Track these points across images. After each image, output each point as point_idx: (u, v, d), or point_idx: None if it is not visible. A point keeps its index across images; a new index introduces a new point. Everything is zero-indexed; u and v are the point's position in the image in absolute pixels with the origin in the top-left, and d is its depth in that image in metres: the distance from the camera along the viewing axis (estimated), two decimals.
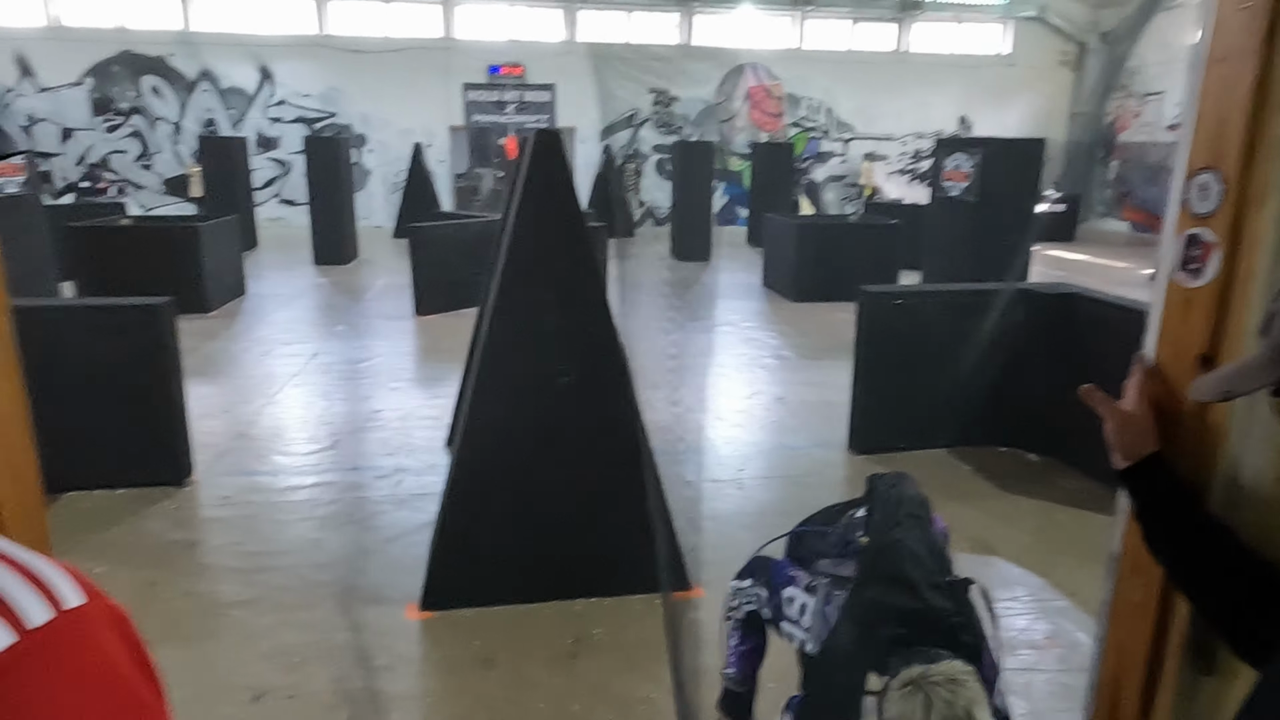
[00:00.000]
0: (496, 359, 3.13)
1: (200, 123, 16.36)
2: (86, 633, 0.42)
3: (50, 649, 0.40)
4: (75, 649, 0.41)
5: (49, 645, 0.40)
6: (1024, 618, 3.31)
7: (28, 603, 0.40)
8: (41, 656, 0.39)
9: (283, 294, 9.80)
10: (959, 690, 1.38)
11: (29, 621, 0.39)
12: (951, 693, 1.37)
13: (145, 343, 4.23)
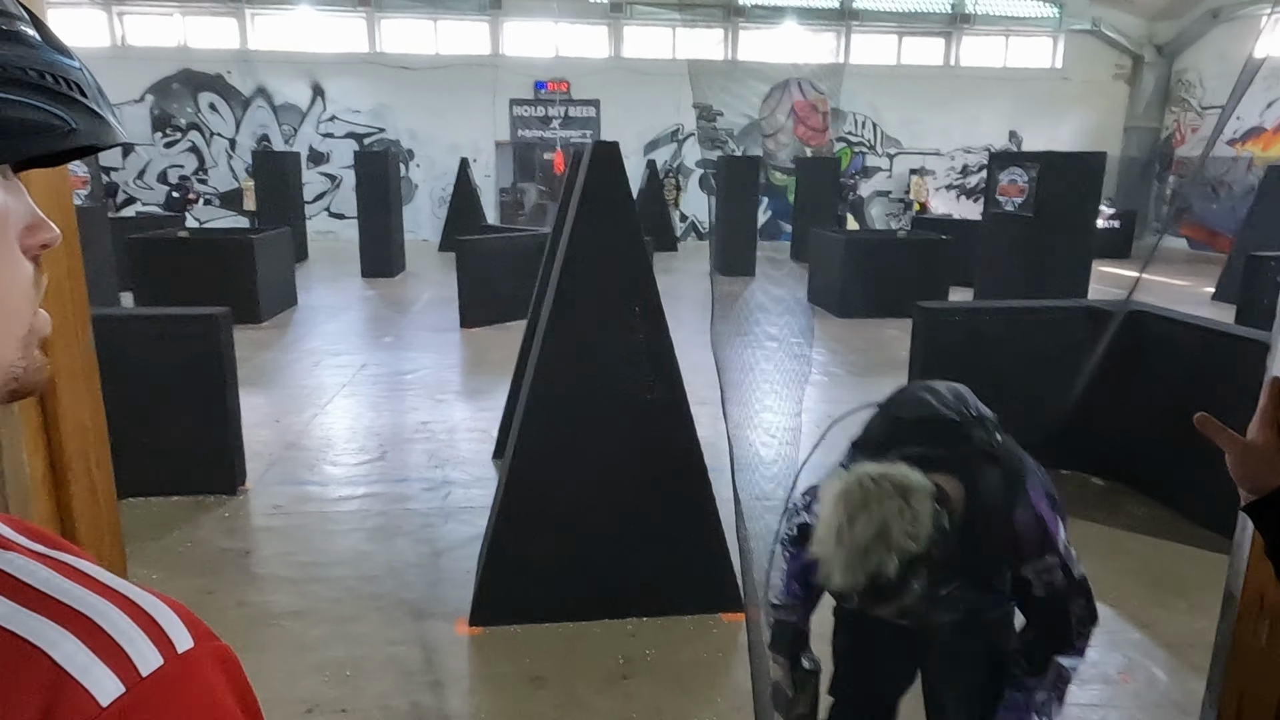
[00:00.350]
0: (549, 373, 3.10)
1: (255, 138, 16.78)
2: (196, 678, 0.38)
3: (160, 698, 0.36)
4: (185, 696, 0.38)
5: (158, 694, 0.36)
6: (1095, 650, 3.15)
7: (140, 646, 0.37)
8: (153, 706, 0.36)
9: (332, 305, 9.94)
10: (897, 503, 1.37)
11: (142, 667, 0.36)
12: (889, 501, 1.37)
13: (202, 352, 4.30)
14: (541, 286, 4.66)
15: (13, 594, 0.36)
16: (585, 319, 3.06)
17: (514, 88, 17.11)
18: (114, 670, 0.35)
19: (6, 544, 0.39)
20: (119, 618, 0.37)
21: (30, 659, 0.34)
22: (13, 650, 0.34)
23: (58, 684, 0.34)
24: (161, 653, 0.37)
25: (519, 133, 17.45)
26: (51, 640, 0.35)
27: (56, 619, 0.36)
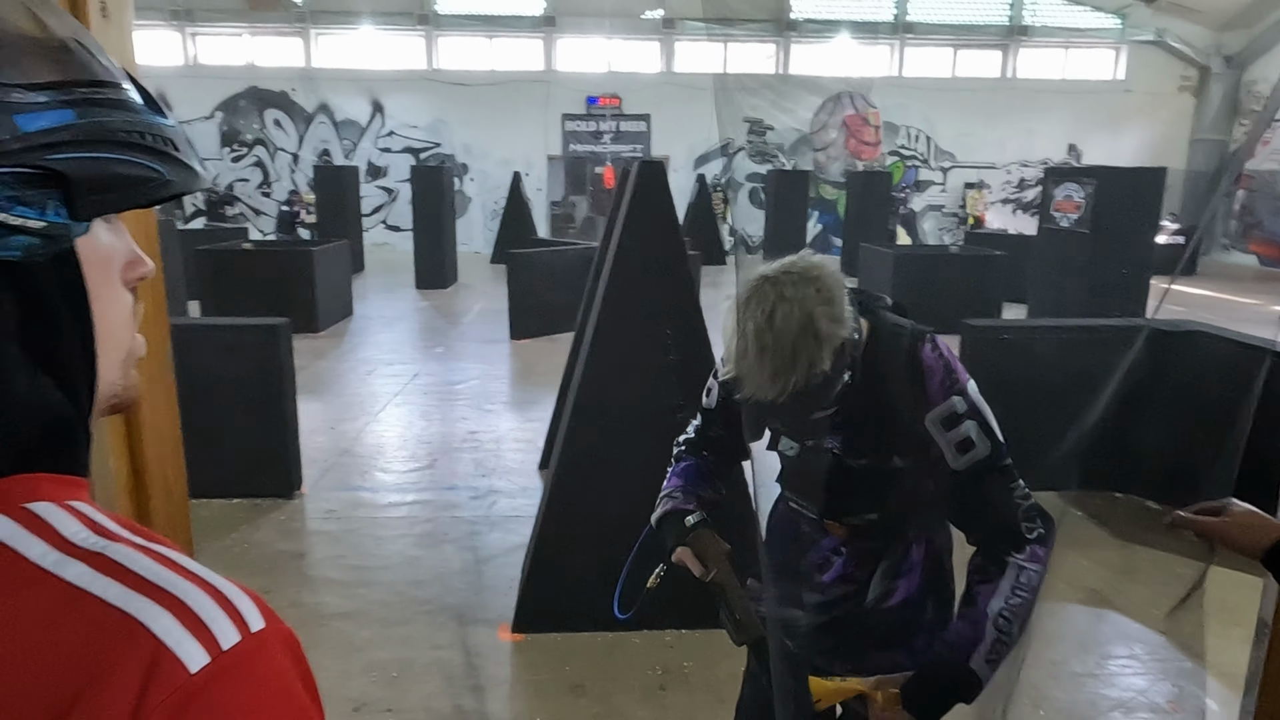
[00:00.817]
0: (594, 387, 3.17)
1: (316, 153, 17.33)
2: (268, 655, 0.45)
3: (239, 669, 0.43)
4: (259, 670, 0.44)
5: (238, 665, 0.43)
6: (1143, 678, 3.10)
7: (221, 625, 0.43)
8: (232, 675, 0.42)
9: (387, 316, 10.21)
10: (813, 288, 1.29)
11: (223, 642, 0.42)
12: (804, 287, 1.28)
13: (264, 360, 4.48)
14: (588, 300, 4.75)
15: (120, 578, 0.43)
16: (629, 334, 3.12)
17: (566, 103, 17.37)
18: (201, 643, 0.42)
19: (114, 536, 0.46)
20: (204, 599, 0.43)
21: (135, 631, 0.41)
22: (122, 624, 0.41)
23: (157, 652, 0.41)
24: (239, 630, 0.43)
25: (570, 147, 17.70)
26: (151, 616, 0.42)
27: (155, 599, 0.42)
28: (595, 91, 17.48)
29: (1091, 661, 3.19)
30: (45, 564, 0.43)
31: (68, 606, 0.41)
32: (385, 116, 17.46)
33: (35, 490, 0.46)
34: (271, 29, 17.19)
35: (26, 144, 0.43)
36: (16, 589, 0.42)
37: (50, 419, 0.48)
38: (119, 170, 0.47)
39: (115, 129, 0.47)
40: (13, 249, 0.44)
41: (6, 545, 0.43)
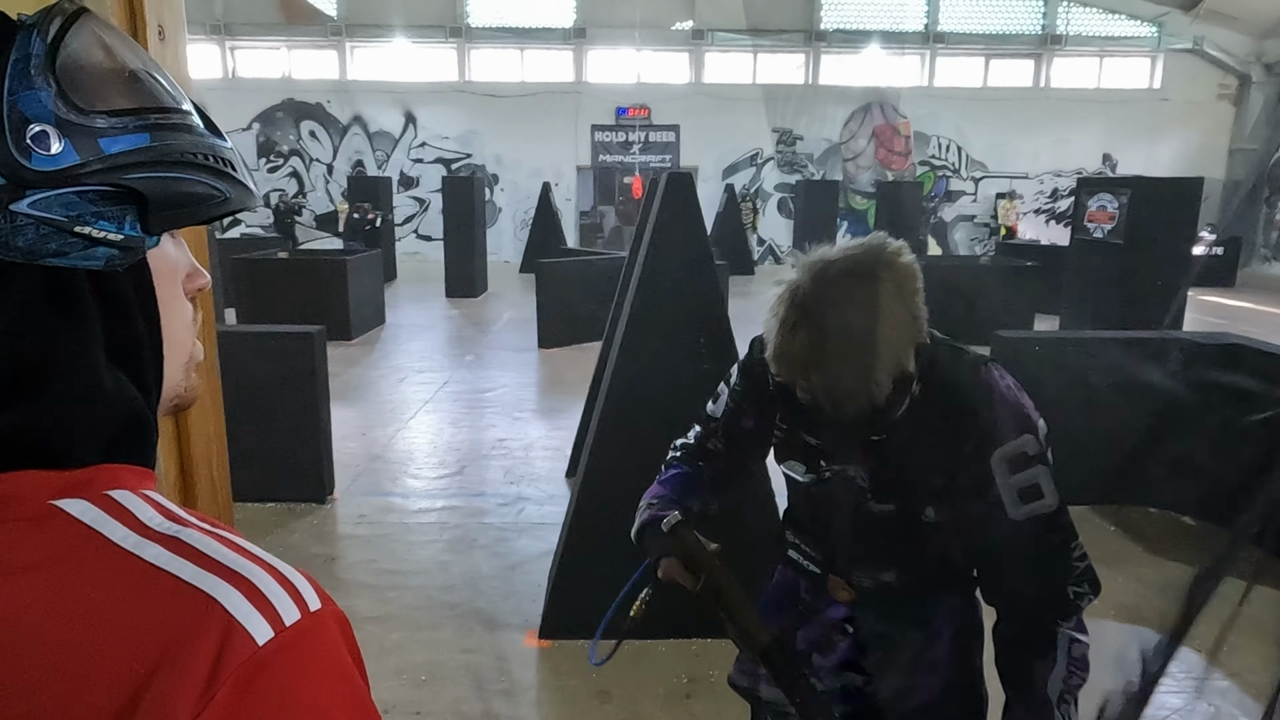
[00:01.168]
0: (621, 396, 3.20)
1: (350, 164, 17.63)
2: (324, 632, 0.48)
3: (300, 644, 0.46)
4: (317, 645, 0.47)
5: (299, 641, 0.46)
6: (1179, 696, 3.04)
7: (284, 603, 0.47)
8: (294, 649, 0.46)
9: (418, 324, 10.34)
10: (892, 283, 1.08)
11: (286, 619, 0.46)
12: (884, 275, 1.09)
13: (299, 367, 4.56)
14: (616, 310, 4.78)
15: (194, 559, 0.47)
16: (656, 344, 3.15)
17: (596, 114, 17.51)
18: (266, 619, 0.45)
19: (185, 522, 0.50)
20: (269, 580, 0.47)
21: (209, 606, 0.45)
22: (197, 599, 0.45)
23: (229, 626, 0.44)
24: (299, 609, 0.47)
25: (600, 157, 17.83)
26: (223, 593, 0.45)
27: (225, 578, 0.46)
28: (625, 102, 17.59)
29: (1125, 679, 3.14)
30: (126, 545, 0.47)
31: (148, 583, 0.45)
32: (418, 127, 17.72)
33: (116, 479, 0.50)
34: (308, 42, 17.54)
35: (108, 165, 0.47)
36: (101, 566, 0.46)
37: (130, 414, 0.52)
38: (187, 189, 0.51)
39: (184, 151, 0.51)
40: (96, 259, 0.49)
41: (91, 528, 0.47)
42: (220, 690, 0.43)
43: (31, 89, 0.46)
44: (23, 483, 0.47)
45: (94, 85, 0.48)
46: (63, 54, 0.47)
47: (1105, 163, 17.93)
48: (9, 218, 0.45)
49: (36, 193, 0.46)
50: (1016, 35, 17.76)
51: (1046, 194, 18.15)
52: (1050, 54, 17.74)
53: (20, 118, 0.45)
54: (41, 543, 0.46)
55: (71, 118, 0.46)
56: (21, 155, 0.45)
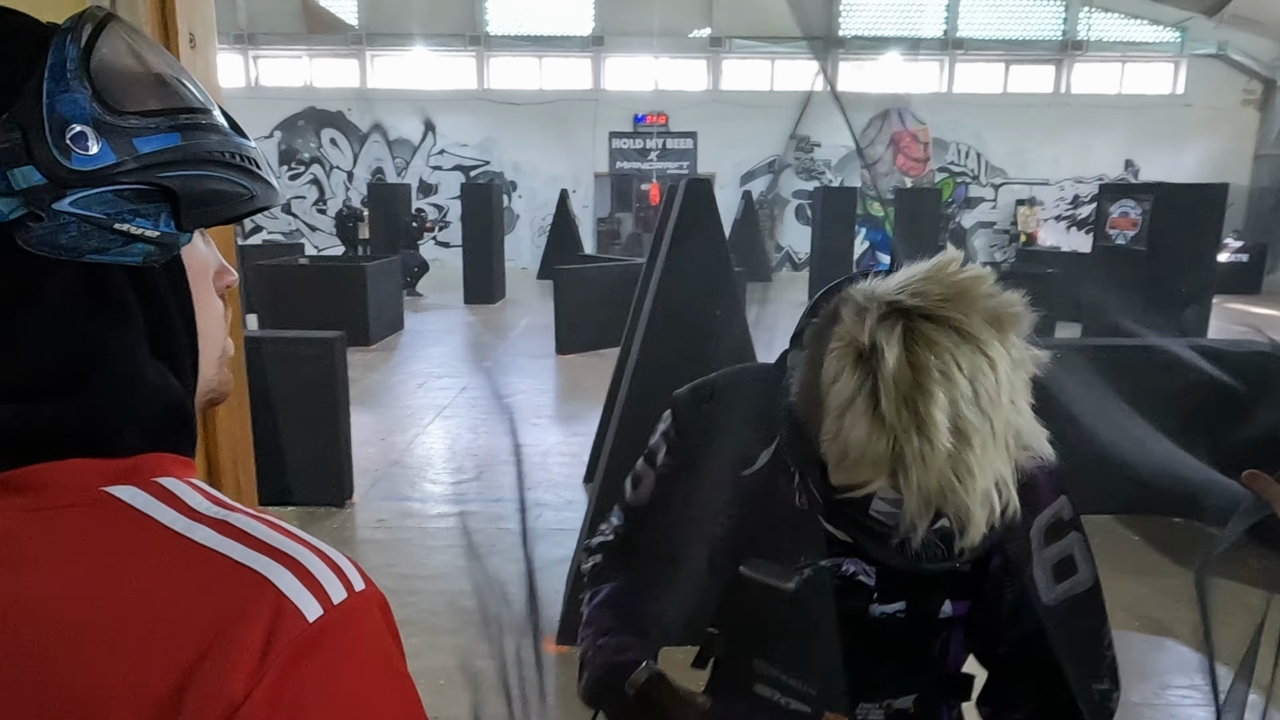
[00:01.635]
0: (639, 402, 3.20)
1: (370, 171, 17.78)
2: (369, 613, 0.49)
3: (346, 622, 0.47)
4: (362, 624, 0.49)
5: (345, 619, 0.47)
6: (1204, 709, 3.00)
7: (331, 582, 0.48)
8: (341, 627, 0.47)
9: (436, 330, 10.40)
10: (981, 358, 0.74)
11: (333, 597, 0.47)
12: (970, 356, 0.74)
13: (319, 372, 4.60)
14: (634, 316, 4.79)
15: (243, 540, 0.48)
16: (675, 350, 3.14)
17: (614, 121, 17.56)
18: (315, 597, 0.47)
19: (231, 507, 0.51)
20: (315, 560, 0.48)
21: (262, 585, 0.46)
22: (249, 578, 0.46)
23: (280, 603, 0.46)
24: (345, 588, 0.48)
25: (617, 164, 17.88)
26: (274, 573, 0.47)
27: (274, 559, 0.47)
28: (642, 110, 17.64)
29: (1149, 691, 3.10)
30: (177, 528, 0.48)
31: (200, 563, 0.47)
32: (437, 135, 17.85)
33: (162, 467, 0.51)
34: (329, 51, 17.73)
35: (142, 163, 0.49)
36: (154, 549, 0.47)
37: (173, 404, 0.54)
38: (217, 186, 0.53)
39: (212, 150, 0.53)
40: (134, 255, 0.50)
41: (142, 512, 0.48)
42: (273, 664, 0.44)
43: (69, 91, 0.47)
44: (74, 470, 0.48)
45: (126, 87, 0.50)
46: (95, 58, 0.48)
47: (1127, 169, 17.76)
48: (52, 216, 0.47)
49: (76, 192, 0.47)
50: (1037, 41, 17.65)
51: (1067, 200, 18.00)
52: (1071, 59, 17.61)
53: (60, 119, 0.46)
54: (94, 527, 0.47)
55: (107, 119, 0.48)
56: (62, 155, 0.46)
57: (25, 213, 0.46)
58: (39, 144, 0.46)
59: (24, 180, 0.46)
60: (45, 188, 0.46)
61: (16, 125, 0.46)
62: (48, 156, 0.46)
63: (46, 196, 0.46)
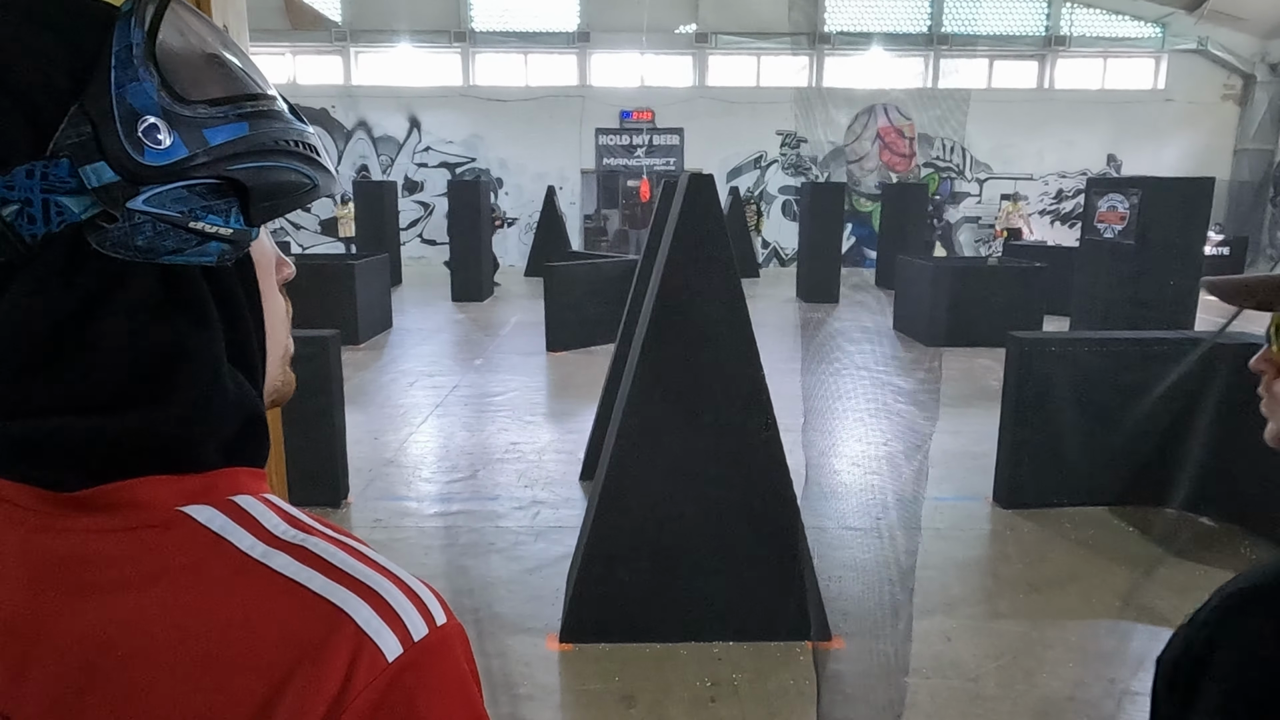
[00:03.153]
0: (641, 398, 3.18)
1: (355, 168, 17.64)
2: (450, 648, 0.47)
3: (427, 660, 0.45)
4: (443, 662, 0.46)
5: (426, 657, 0.45)
6: None
7: (412, 618, 0.45)
8: (422, 666, 0.45)
9: (425, 328, 10.33)
10: None
11: (414, 634, 0.45)
12: None
13: (313, 372, 4.55)
14: (631, 313, 4.77)
15: (322, 569, 0.45)
16: (678, 347, 3.13)
17: (600, 117, 17.52)
18: (396, 634, 0.44)
19: (309, 530, 0.48)
20: (396, 592, 0.46)
21: (340, 619, 0.44)
22: (329, 613, 0.44)
23: (360, 640, 0.43)
24: (426, 624, 0.46)
25: (604, 161, 17.83)
26: (353, 607, 0.44)
27: (354, 590, 0.45)
28: (629, 106, 17.61)
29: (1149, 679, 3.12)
30: (255, 554, 0.45)
31: (279, 593, 0.44)
32: (422, 132, 17.74)
33: (237, 483, 0.49)
34: (312, 48, 17.57)
35: (214, 156, 0.46)
36: (231, 576, 0.45)
37: (251, 415, 0.51)
38: (284, 178, 0.50)
39: (278, 139, 0.49)
40: (209, 254, 0.47)
41: (220, 535, 0.46)
42: (350, 706, 0.42)
43: (137, 80, 0.44)
44: (151, 488, 0.45)
45: (193, 74, 0.46)
46: (160, 43, 0.45)
47: (1110, 164, 17.92)
48: (126, 216, 0.44)
49: (150, 188, 0.44)
50: (1020, 36, 17.77)
51: (1051, 195, 18.14)
52: (1054, 55, 17.74)
53: (130, 111, 0.43)
54: (171, 550, 0.45)
55: (177, 109, 0.45)
56: (135, 150, 0.43)
57: (98, 212, 0.43)
58: (110, 138, 0.43)
59: (96, 177, 0.43)
60: (118, 185, 0.43)
61: (87, 118, 0.43)
62: (120, 151, 0.43)
63: (120, 195, 0.43)
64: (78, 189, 0.43)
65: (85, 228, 0.43)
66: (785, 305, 12.61)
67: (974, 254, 17.25)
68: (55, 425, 0.44)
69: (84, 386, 0.45)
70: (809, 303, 12.54)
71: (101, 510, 0.45)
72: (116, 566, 0.44)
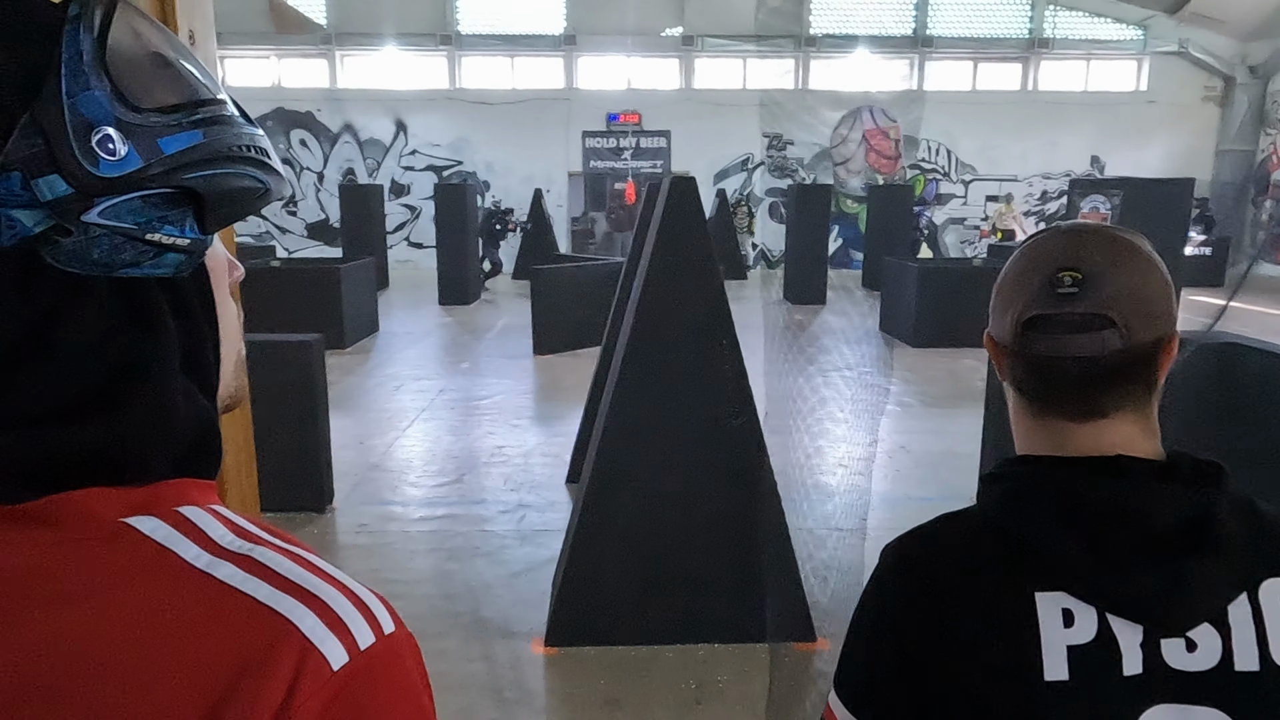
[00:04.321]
0: (626, 401, 3.19)
1: (341, 172, 17.58)
2: (399, 656, 0.47)
3: (374, 669, 0.45)
4: (391, 670, 0.46)
5: (373, 665, 0.45)
6: None
7: (359, 626, 0.45)
8: (369, 675, 0.44)
9: (412, 332, 10.30)
10: None
11: (360, 642, 0.45)
12: None
13: (297, 376, 4.53)
14: (617, 315, 4.78)
15: (268, 579, 0.45)
16: (662, 348, 3.14)
17: (587, 120, 17.53)
18: (342, 643, 0.44)
19: (256, 539, 0.48)
20: (343, 601, 0.46)
21: (286, 630, 0.43)
22: (274, 622, 0.44)
23: (305, 650, 0.43)
24: (373, 632, 0.45)
25: (591, 163, 17.84)
26: (299, 616, 0.44)
27: (300, 600, 0.44)
28: (615, 108, 17.63)
29: None
30: (199, 564, 0.45)
31: (222, 603, 0.44)
32: (409, 135, 17.69)
33: (183, 495, 0.48)
34: (297, 51, 17.50)
35: (168, 166, 0.45)
36: (175, 586, 0.44)
37: (202, 428, 0.50)
38: (237, 184, 0.49)
39: (231, 145, 0.49)
40: (166, 265, 0.47)
41: (164, 546, 0.45)
42: (295, 714, 0.41)
43: (89, 89, 0.43)
44: (94, 500, 0.45)
45: (144, 80, 0.45)
46: (111, 49, 0.44)
47: (1093, 165, 18.07)
48: (81, 229, 0.43)
49: (104, 200, 0.43)
50: (1004, 39, 17.90)
51: (1035, 196, 18.27)
52: (1037, 57, 17.88)
53: (83, 122, 0.42)
54: (114, 562, 0.44)
55: (130, 118, 0.44)
56: (89, 162, 0.42)
57: (51, 225, 0.42)
58: (63, 150, 0.42)
59: (50, 190, 0.41)
60: (73, 198, 0.42)
61: (39, 129, 0.41)
62: (74, 163, 0.42)
63: (75, 208, 0.42)
64: (30, 202, 0.42)
65: (38, 241, 0.42)
66: (772, 307, 12.65)
67: (959, 255, 17.35)
68: (8, 440, 0.43)
69: (38, 401, 0.44)
70: (796, 304, 12.59)
71: (44, 523, 0.44)
72: (59, 579, 0.43)
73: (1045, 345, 0.75)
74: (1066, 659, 0.70)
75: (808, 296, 12.57)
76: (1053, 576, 0.72)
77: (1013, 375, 0.80)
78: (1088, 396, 0.77)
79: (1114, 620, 0.71)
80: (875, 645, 0.80)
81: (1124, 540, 0.71)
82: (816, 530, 4.43)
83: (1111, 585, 0.71)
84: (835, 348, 9.59)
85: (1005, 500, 0.78)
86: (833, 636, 3.32)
